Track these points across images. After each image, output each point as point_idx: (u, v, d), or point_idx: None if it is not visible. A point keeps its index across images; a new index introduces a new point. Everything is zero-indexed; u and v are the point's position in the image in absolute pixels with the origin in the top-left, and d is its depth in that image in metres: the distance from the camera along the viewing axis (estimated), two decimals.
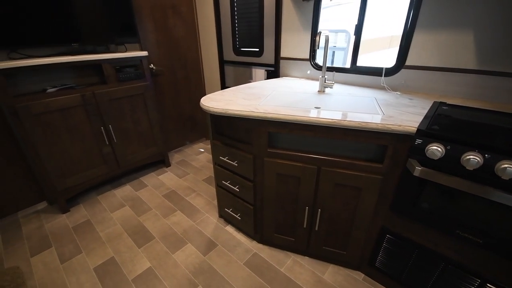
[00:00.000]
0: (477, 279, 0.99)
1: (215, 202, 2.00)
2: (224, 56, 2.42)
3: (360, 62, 1.62)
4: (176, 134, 2.81)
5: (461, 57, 1.23)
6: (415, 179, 0.99)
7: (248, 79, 2.29)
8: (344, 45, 3.19)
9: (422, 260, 1.12)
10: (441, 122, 0.99)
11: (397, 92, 1.42)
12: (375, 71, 1.52)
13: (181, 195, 2.09)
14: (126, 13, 1.90)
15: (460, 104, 1.20)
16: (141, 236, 1.68)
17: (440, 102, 1.22)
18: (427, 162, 0.94)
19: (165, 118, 2.62)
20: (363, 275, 1.40)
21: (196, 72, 2.72)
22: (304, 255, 1.52)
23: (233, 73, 2.43)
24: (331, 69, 1.71)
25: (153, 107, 2.17)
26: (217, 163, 1.55)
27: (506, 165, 0.78)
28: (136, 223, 1.79)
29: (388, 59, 1.49)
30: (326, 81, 1.48)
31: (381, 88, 1.51)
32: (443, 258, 1.06)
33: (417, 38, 1.32)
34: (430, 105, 1.20)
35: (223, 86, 2.58)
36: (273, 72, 2.06)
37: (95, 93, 1.80)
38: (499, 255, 0.91)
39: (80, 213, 1.90)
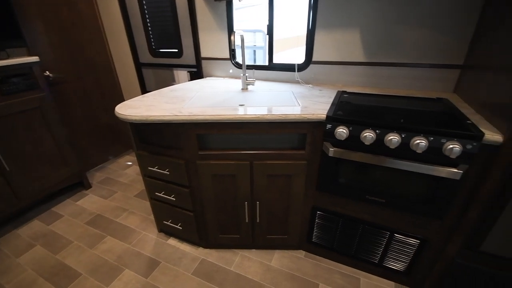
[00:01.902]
0: (387, 232, 1.22)
1: (152, 217, 1.85)
2: (140, 58, 2.23)
3: (277, 60, 1.74)
4: (94, 149, 2.45)
5: (353, 51, 1.47)
6: (331, 159, 1.14)
7: (171, 81, 2.18)
8: (262, 44, 3.38)
9: (346, 226, 1.31)
10: (343, 108, 1.16)
11: (310, 85, 1.60)
12: (289, 67, 1.67)
13: (109, 218, 1.85)
14: (3, 11, 1.53)
15: (358, 91, 1.43)
16: (62, 277, 1.41)
17: (342, 91, 1.43)
18: (337, 143, 1.09)
19: (77, 132, 2.25)
20: (304, 252, 1.54)
21: (109, 78, 2.42)
22: (251, 249, 1.56)
23: (154, 76, 2.26)
24: (251, 67, 1.78)
25: (56, 121, 1.83)
26: (146, 175, 1.43)
27: (391, 137, 0.97)
28: (53, 263, 1.49)
29: (299, 56, 1.65)
30: (248, 79, 1.54)
31: (296, 82, 1.67)
32: (361, 221, 1.26)
33: (319, 37, 1.51)
34: (335, 94, 1.39)
35: (144, 90, 2.38)
36: (196, 73, 2.01)
37: None
38: (398, 209, 1.14)
39: None
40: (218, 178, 1.28)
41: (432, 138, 0.92)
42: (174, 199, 1.41)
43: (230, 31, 1.73)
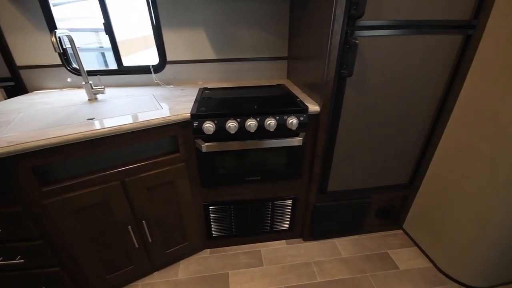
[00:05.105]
0: (269, 202, 1.42)
1: None
2: None
3: (131, 62, 1.58)
4: None
5: (204, 49, 1.55)
6: (206, 154, 1.18)
7: None
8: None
9: (237, 210, 1.42)
10: (206, 103, 1.22)
11: (171, 86, 1.56)
12: (144, 70, 1.55)
13: None
14: None
15: (217, 87, 1.54)
16: None
17: (204, 88, 1.50)
18: (207, 138, 1.14)
19: None
20: (208, 250, 1.55)
21: None
22: (152, 273, 1.41)
23: None
24: (95, 72, 1.52)
25: None
26: None
27: (250, 122, 1.11)
28: None
29: (155, 57, 1.57)
30: (94, 87, 1.31)
31: (156, 84, 1.58)
32: (247, 201, 1.40)
33: (167, 36, 1.48)
34: (197, 91, 1.43)
35: None
36: (16, 88, 1.50)
37: None
38: (271, 181, 1.34)
39: None
40: (83, 211, 1.05)
41: (278, 117, 1.14)
42: (22, 261, 1.04)
43: (53, 30, 1.39)
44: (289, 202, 1.44)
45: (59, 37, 1.21)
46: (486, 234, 1.15)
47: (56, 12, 1.40)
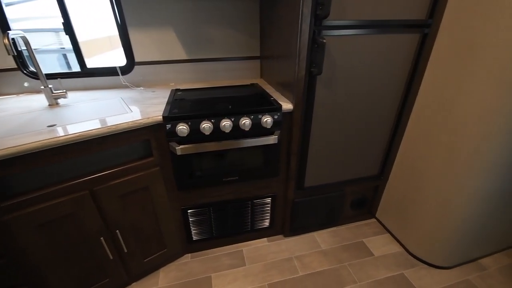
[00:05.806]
0: (248, 201, 1.42)
1: None
2: None
3: (96, 64, 1.49)
4: None
5: (174, 50, 1.51)
6: (181, 157, 1.16)
7: None
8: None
9: (217, 212, 1.41)
10: (179, 105, 1.19)
11: (141, 88, 1.50)
12: (111, 71, 1.47)
13: None
14: None
15: (189, 88, 1.51)
16: None
17: (176, 89, 1.46)
18: (182, 140, 1.11)
19: None
20: (189, 255, 1.52)
21: None
22: (130, 284, 1.35)
23: None
24: (55, 75, 1.41)
25: None
26: None
27: (224, 123, 1.11)
28: None
29: (121, 58, 1.49)
30: (54, 91, 1.22)
31: (125, 86, 1.51)
32: (226, 202, 1.39)
33: (134, 37, 1.42)
34: (169, 93, 1.39)
35: None
36: None
37: None
38: (249, 180, 1.34)
39: None
40: (50, 225, 0.98)
41: (252, 116, 1.14)
42: None
43: (6, 31, 1.27)
44: (268, 200, 1.45)
45: (12, 39, 1.11)
46: (449, 217, 1.25)
47: (9, 12, 1.29)
